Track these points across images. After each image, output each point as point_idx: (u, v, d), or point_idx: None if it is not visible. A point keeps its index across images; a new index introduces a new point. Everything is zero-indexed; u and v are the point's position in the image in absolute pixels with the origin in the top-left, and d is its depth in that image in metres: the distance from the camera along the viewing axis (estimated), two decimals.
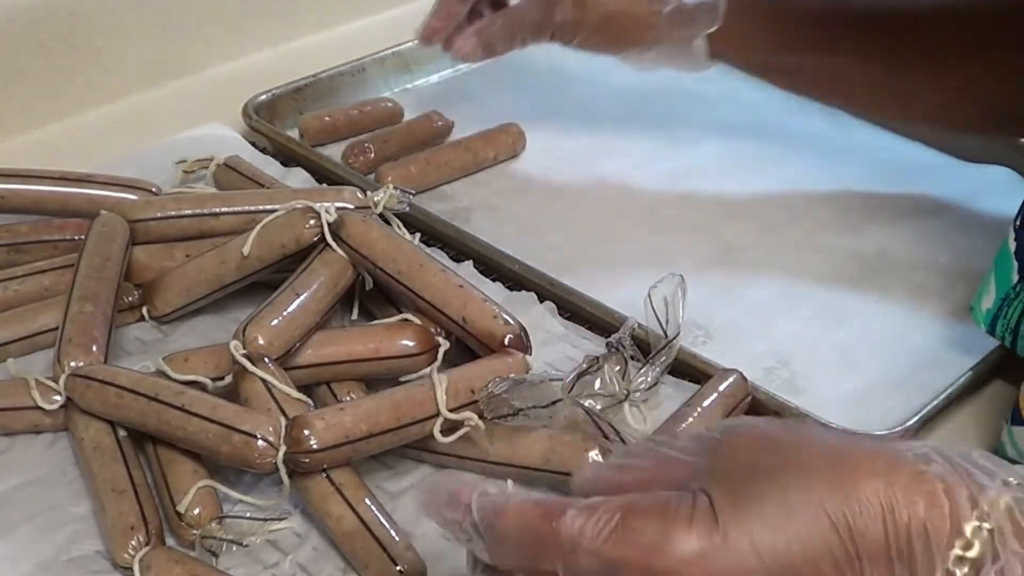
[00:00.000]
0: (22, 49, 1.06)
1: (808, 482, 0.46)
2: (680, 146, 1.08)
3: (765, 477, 0.46)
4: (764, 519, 0.45)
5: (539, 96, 1.15)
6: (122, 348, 0.83)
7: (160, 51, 1.14)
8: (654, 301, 0.78)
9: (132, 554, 0.66)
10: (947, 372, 0.81)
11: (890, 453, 0.47)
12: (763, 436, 0.49)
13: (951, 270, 0.93)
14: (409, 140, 1.04)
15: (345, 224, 0.79)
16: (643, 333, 0.79)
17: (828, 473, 0.46)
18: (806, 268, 0.93)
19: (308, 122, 1.07)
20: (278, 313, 0.75)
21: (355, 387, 0.77)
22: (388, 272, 0.78)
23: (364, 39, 1.19)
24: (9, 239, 0.87)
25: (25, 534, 0.70)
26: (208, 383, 0.74)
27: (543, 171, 1.05)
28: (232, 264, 0.81)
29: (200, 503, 0.68)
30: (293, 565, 0.69)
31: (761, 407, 0.78)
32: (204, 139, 1.04)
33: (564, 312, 0.87)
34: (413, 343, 0.77)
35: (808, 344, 0.85)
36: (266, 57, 1.20)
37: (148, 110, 1.12)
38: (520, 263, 0.90)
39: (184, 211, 0.86)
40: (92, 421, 0.73)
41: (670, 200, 1.01)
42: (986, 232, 0.98)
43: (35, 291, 0.83)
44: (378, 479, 0.74)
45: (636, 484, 0.50)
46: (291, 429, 0.67)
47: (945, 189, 1.02)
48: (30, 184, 0.89)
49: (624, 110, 1.13)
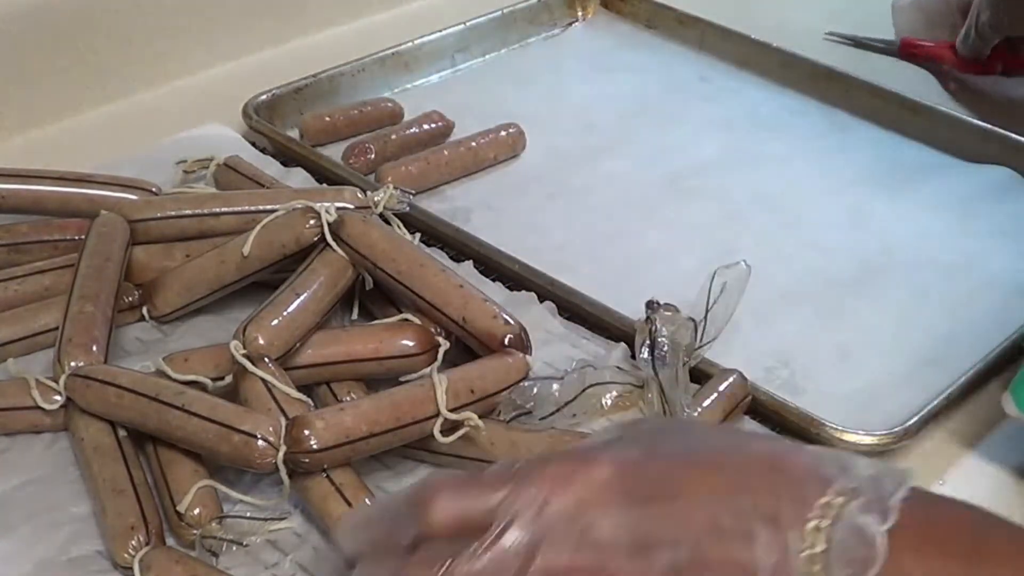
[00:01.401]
0: (22, 49, 1.06)
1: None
2: (680, 146, 1.08)
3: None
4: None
5: (539, 96, 1.15)
6: (122, 348, 0.83)
7: (160, 51, 1.14)
8: (714, 283, 0.77)
9: (132, 554, 0.66)
10: (947, 372, 0.81)
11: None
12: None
13: (951, 270, 0.93)
14: (409, 140, 1.04)
15: (345, 224, 0.79)
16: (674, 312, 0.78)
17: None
18: (806, 268, 0.93)
19: (308, 122, 1.06)
20: (278, 313, 0.75)
21: (355, 387, 0.77)
22: (388, 272, 0.78)
23: (364, 39, 1.19)
24: (9, 239, 0.87)
25: (25, 534, 0.70)
26: (208, 383, 0.74)
27: (543, 171, 1.05)
28: (232, 264, 0.81)
29: (200, 503, 0.68)
30: (293, 565, 0.69)
31: (761, 407, 0.78)
32: (204, 139, 1.04)
33: (564, 312, 0.87)
34: (413, 343, 0.77)
35: (808, 344, 0.85)
36: (266, 57, 1.20)
37: (148, 110, 1.12)
38: (520, 263, 0.90)
39: (184, 211, 0.86)
40: (92, 421, 0.73)
41: (670, 200, 1.01)
42: (986, 232, 0.98)
43: (35, 291, 0.83)
44: (378, 479, 0.74)
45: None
46: (291, 429, 0.67)
47: (945, 189, 1.02)
48: (30, 184, 0.89)
49: (624, 110, 1.13)
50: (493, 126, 1.06)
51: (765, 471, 0.49)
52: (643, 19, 1.27)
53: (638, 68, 1.20)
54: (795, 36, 1.20)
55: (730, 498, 0.49)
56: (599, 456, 0.51)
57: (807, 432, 0.76)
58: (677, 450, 0.52)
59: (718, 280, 0.79)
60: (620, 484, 0.50)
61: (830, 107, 1.13)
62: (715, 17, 1.23)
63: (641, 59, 1.22)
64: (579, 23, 1.28)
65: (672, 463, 0.51)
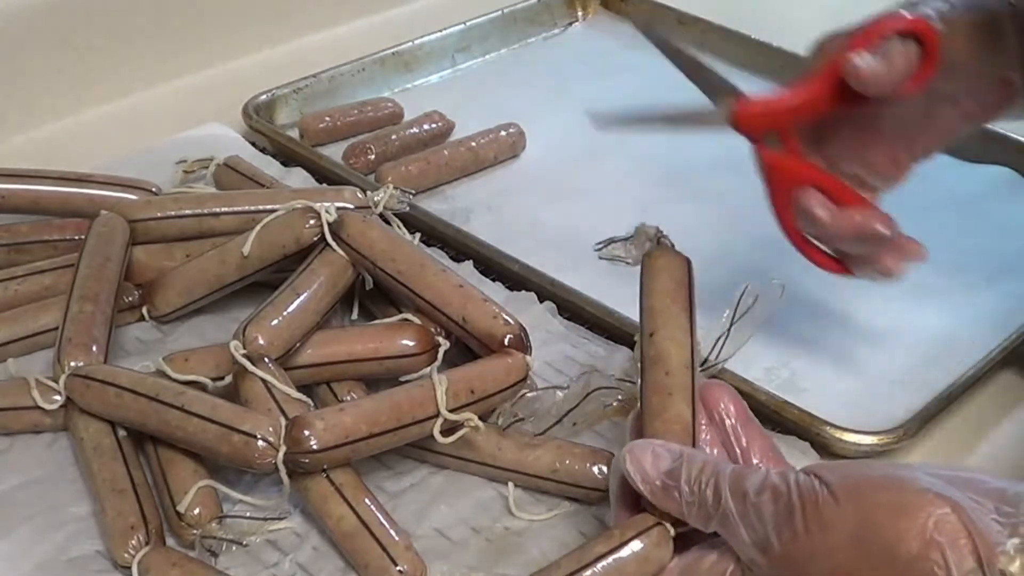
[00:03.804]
0: (22, 49, 1.06)
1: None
2: (680, 146, 1.08)
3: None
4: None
5: (539, 96, 1.15)
6: (122, 348, 0.83)
7: (160, 51, 1.14)
8: (745, 294, 0.77)
9: (132, 554, 0.66)
10: (947, 372, 0.81)
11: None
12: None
13: (951, 270, 0.93)
14: (409, 140, 1.04)
15: (345, 224, 0.79)
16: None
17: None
18: (806, 268, 0.93)
19: (308, 122, 1.07)
20: (278, 313, 0.75)
21: (355, 387, 0.77)
22: (388, 272, 0.78)
23: (364, 39, 1.19)
24: (9, 239, 0.87)
25: (25, 534, 0.70)
26: (208, 383, 0.74)
27: (543, 171, 1.05)
28: (232, 264, 0.81)
29: (200, 503, 0.68)
30: (293, 565, 0.69)
31: (761, 407, 0.78)
32: (204, 139, 1.04)
33: (564, 312, 0.87)
34: (413, 343, 0.77)
35: (808, 344, 0.85)
36: (266, 57, 1.20)
37: (148, 110, 1.12)
38: (520, 263, 0.90)
39: (184, 211, 0.86)
40: (92, 421, 0.73)
41: (670, 200, 1.00)
42: (986, 232, 0.98)
43: (35, 291, 0.83)
44: (378, 479, 0.74)
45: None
46: (291, 429, 0.67)
47: (945, 189, 1.02)
48: (30, 184, 0.89)
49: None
50: (493, 126, 1.06)
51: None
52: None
53: (638, 68, 1.20)
54: (795, 36, 1.20)
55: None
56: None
57: (807, 432, 0.76)
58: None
59: (748, 295, 0.78)
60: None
61: None
62: (715, 17, 1.23)
63: (641, 59, 1.22)
64: (579, 23, 1.28)
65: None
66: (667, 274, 0.71)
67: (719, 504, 0.58)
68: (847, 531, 0.54)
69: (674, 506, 0.61)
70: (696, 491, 0.59)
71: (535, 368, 0.78)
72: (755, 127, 0.74)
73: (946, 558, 0.52)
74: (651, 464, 0.62)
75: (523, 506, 0.72)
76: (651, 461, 0.62)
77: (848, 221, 0.74)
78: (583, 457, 0.73)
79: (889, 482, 0.55)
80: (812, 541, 0.55)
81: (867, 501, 0.55)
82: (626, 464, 0.62)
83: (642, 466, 0.62)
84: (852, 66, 0.71)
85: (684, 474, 0.60)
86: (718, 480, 0.59)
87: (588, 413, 0.76)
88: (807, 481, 0.57)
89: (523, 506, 0.72)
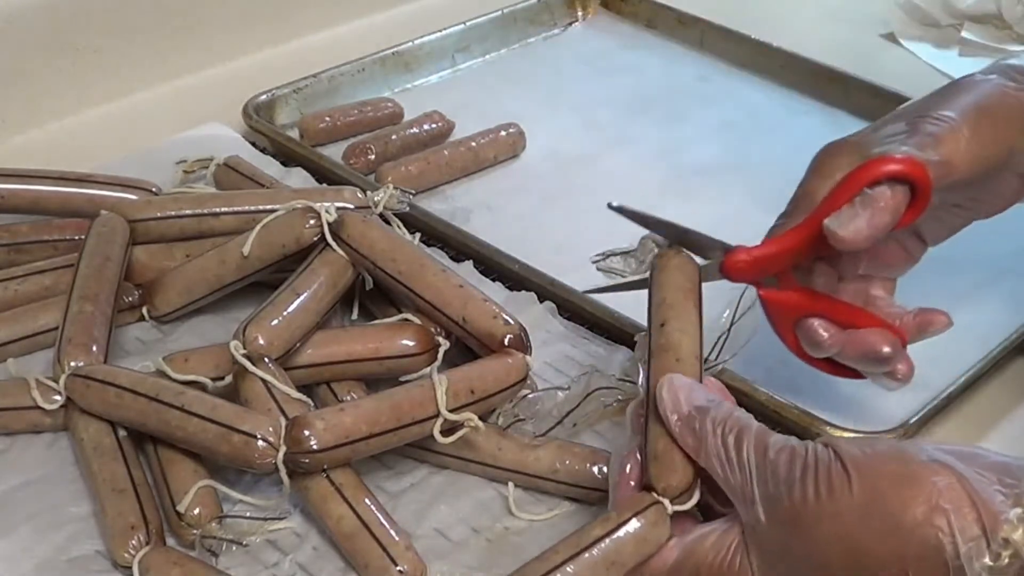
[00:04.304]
0: (22, 49, 1.06)
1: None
2: (680, 146, 1.08)
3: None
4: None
5: (539, 96, 1.15)
6: (122, 348, 0.83)
7: (160, 51, 1.14)
8: (745, 294, 0.77)
9: (132, 553, 0.66)
10: (947, 372, 0.81)
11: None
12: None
13: (952, 268, 0.92)
14: (409, 140, 1.04)
15: (345, 224, 0.79)
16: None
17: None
18: None
19: (308, 122, 1.06)
20: (278, 313, 0.75)
21: (355, 387, 0.77)
22: (388, 272, 0.78)
23: (364, 39, 1.19)
24: (9, 239, 0.87)
25: (25, 534, 0.70)
26: (208, 383, 0.74)
27: (543, 171, 1.05)
28: (232, 264, 0.81)
29: (200, 503, 0.68)
30: (293, 565, 0.69)
31: (761, 407, 0.78)
32: (204, 139, 1.04)
33: (564, 312, 0.87)
34: (413, 343, 0.77)
35: None
36: (266, 57, 1.20)
37: (148, 110, 1.12)
38: (520, 263, 0.90)
39: (184, 211, 0.86)
40: (92, 421, 0.73)
41: (670, 200, 1.00)
42: (986, 232, 0.98)
43: (35, 291, 0.83)
44: (378, 479, 0.74)
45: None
46: (291, 429, 0.67)
47: None
48: (30, 184, 0.89)
49: (624, 110, 1.13)
50: (493, 126, 1.06)
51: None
52: (643, 19, 1.27)
53: (638, 68, 1.20)
54: (795, 36, 1.20)
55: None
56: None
57: (807, 432, 0.76)
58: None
59: (748, 297, 0.78)
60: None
61: (830, 107, 1.13)
62: (715, 17, 1.23)
63: (641, 59, 1.22)
64: (579, 23, 1.28)
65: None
66: (680, 272, 0.71)
67: (739, 452, 0.60)
68: (855, 500, 0.56)
69: (692, 442, 0.62)
70: (719, 433, 0.61)
71: (535, 368, 0.78)
72: (747, 275, 0.75)
73: (951, 525, 0.53)
74: (685, 396, 0.63)
75: (523, 506, 0.73)
76: (686, 393, 0.63)
77: (853, 348, 0.75)
78: (583, 457, 0.73)
79: (896, 453, 0.57)
80: (821, 504, 0.57)
81: (874, 471, 0.56)
82: (662, 390, 0.64)
83: (676, 394, 0.63)
84: (828, 231, 0.71)
85: (713, 413, 0.62)
86: (742, 430, 0.61)
87: (588, 413, 0.76)
88: (824, 450, 0.58)
89: (523, 506, 0.73)
